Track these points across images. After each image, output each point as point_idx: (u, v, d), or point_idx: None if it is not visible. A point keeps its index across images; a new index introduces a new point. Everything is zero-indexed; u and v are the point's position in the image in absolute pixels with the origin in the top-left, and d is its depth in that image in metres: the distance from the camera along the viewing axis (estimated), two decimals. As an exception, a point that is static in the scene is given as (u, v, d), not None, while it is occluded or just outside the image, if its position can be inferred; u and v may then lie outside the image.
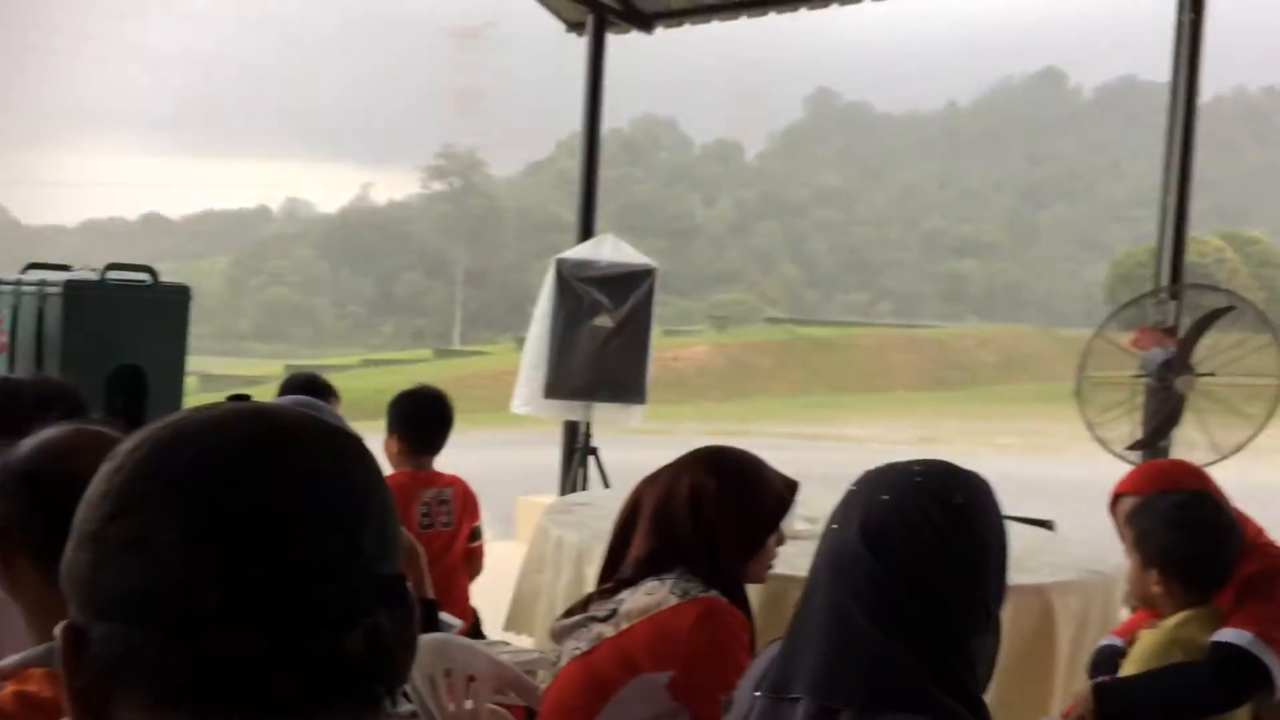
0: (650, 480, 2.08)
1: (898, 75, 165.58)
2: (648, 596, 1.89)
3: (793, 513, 3.21)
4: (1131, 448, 4.55)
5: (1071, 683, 2.69)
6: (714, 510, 1.96)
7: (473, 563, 3.52)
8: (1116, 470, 4.53)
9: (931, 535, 1.24)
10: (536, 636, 3.23)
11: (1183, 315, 4.63)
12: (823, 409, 32.93)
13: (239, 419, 0.78)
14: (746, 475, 2.03)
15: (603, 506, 3.62)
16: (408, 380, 4.20)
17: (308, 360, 46.66)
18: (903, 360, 48.03)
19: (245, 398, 1.55)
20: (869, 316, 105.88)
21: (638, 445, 11.33)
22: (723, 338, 50.50)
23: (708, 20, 6.87)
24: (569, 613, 2.04)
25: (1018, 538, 3.33)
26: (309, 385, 3.65)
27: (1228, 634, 1.95)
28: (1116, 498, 2.40)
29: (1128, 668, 2.10)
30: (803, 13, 6.60)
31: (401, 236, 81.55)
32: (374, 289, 78.61)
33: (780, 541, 2.03)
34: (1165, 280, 4.69)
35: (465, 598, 3.48)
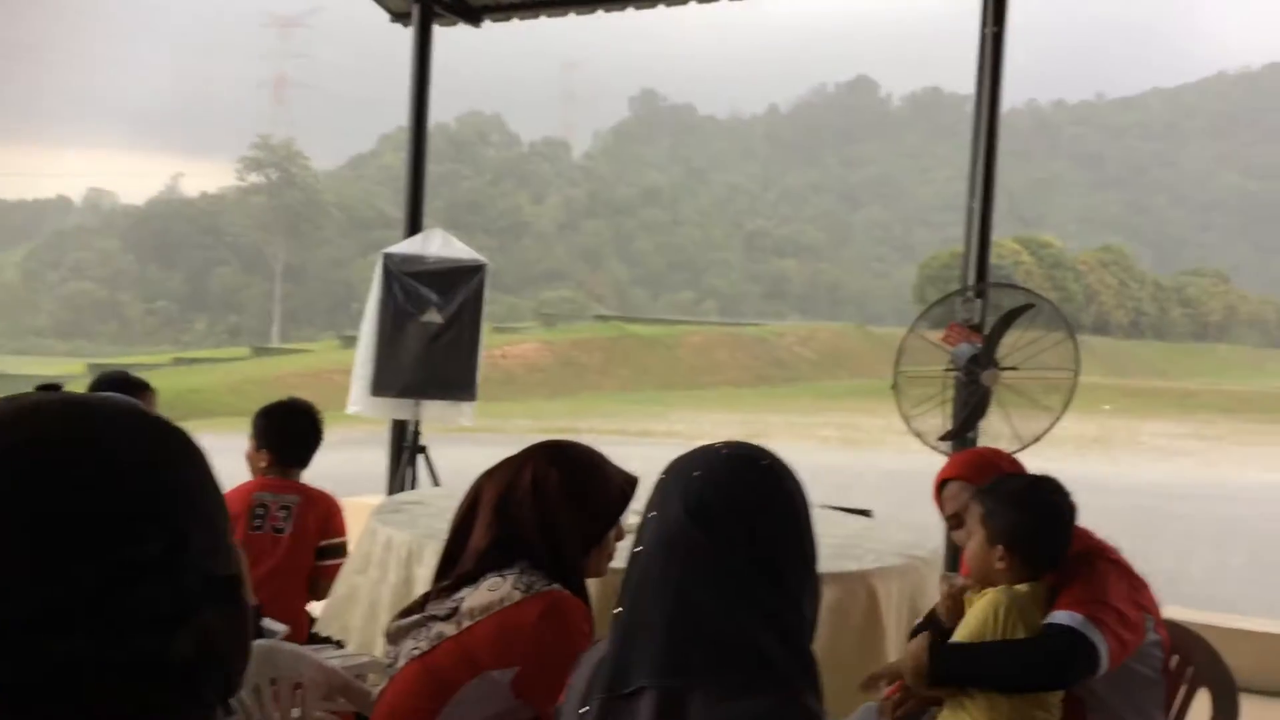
0: (491, 472, 2.06)
1: (721, 79, 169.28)
2: (490, 593, 1.87)
3: (630, 508, 3.26)
4: (943, 439, 4.78)
5: (866, 669, 2.76)
6: (556, 502, 1.96)
7: (319, 582, 3.37)
8: (925, 461, 4.77)
9: (750, 497, 1.30)
10: (353, 640, 3.12)
11: (988, 313, 4.90)
12: (651, 405, 33.38)
13: (52, 410, 0.73)
14: (588, 468, 2.04)
15: (434, 504, 3.56)
16: (223, 379, 4.03)
17: (113, 359, 44.12)
18: (728, 357, 49.17)
19: (56, 387, 1.46)
20: (695, 315, 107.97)
21: (468, 443, 11.22)
22: (551, 335, 50.54)
23: (535, 15, 6.82)
24: (406, 612, 1.99)
25: (840, 527, 3.45)
26: (122, 383, 3.45)
27: (1060, 616, 2.06)
28: (943, 482, 2.51)
29: (964, 626, 2.18)
30: (630, 12, 6.64)
31: (214, 230, 77.96)
32: (185, 284, 74.91)
33: (619, 536, 2.04)
34: (972, 280, 4.94)
35: (298, 607, 3.35)
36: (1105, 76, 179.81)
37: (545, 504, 1.95)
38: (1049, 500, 2.21)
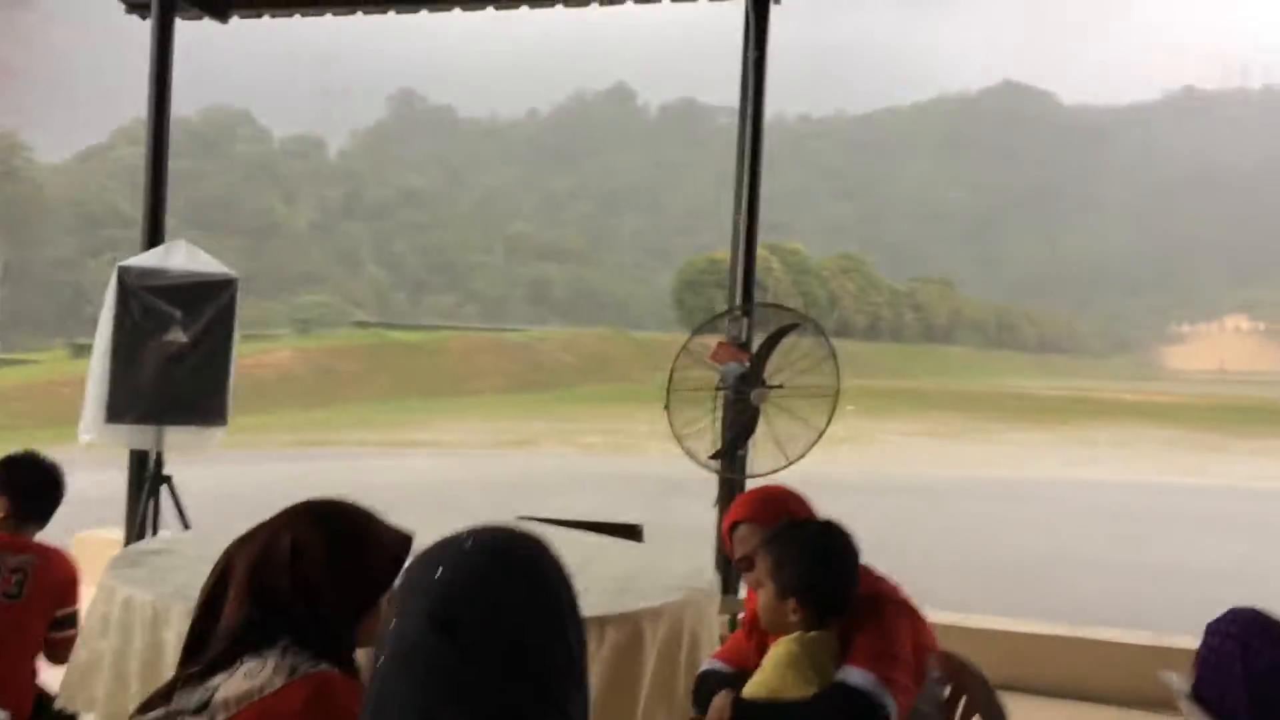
0: (244, 540, 1.82)
1: (481, 82, 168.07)
2: (247, 680, 1.64)
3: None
4: (713, 457, 4.82)
5: (658, 708, 2.71)
6: (320, 569, 1.74)
7: (55, 654, 3.03)
8: (691, 467, 4.82)
9: (501, 595, 1.14)
10: (100, 712, 2.78)
11: (754, 331, 4.98)
12: (414, 414, 32.62)
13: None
14: (355, 529, 1.83)
15: (179, 554, 3.23)
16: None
17: None
18: (491, 363, 48.81)
19: None
20: (457, 319, 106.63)
21: (219, 462, 10.51)
22: (307, 342, 48.51)
23: (290, 14, 6.44)
24: (147, 705, 1.73)
25: (616, 562, 3.38)
26: None
27: (854, 676, 2.07)
28: (733, 525, 2.48)
29: (760, 678, 2.16)
30: (391, 15, 6.39)
31: (-81, 227, 70.30)
32: (-118, 286, 67.14)
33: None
34: (739, 298, 5.01)
35: (26, 680, 2.98)
36: (845, 94, 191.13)
37: (308, 573, 1.74)
38: (837, 550, 2.21)
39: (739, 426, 4.98)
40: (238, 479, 12.67)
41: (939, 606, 8.30)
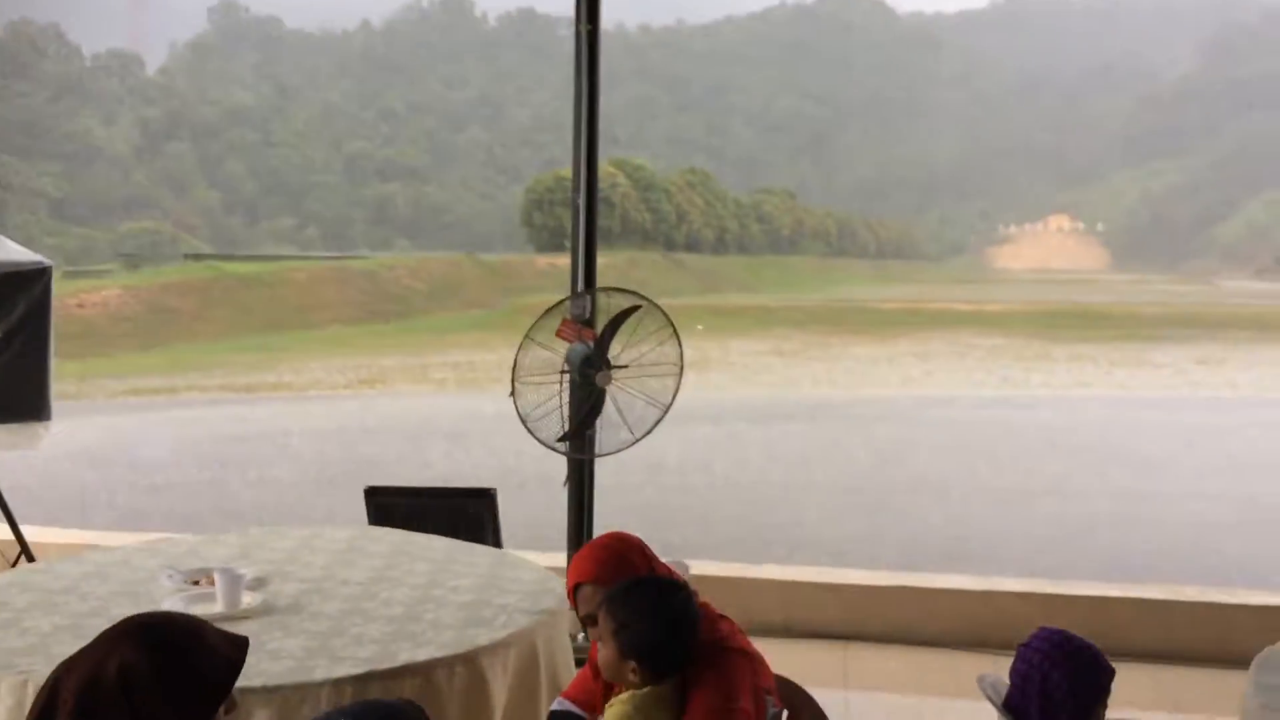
0: (69, 664, 1.76)
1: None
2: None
3: (239, 583, 3.01)
4: (562, 439, 4.86)
5: None
6: (151, 693, 1.71)
7: None
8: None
9: None
10: None
11: (598, 312, 5.02)
12: (255, 353, 31.51)
13: None
14: (185, 644, 1.79)
15: (8, 602, 3.06)
16: None
17: None
18: (336, 294, 47.43)
19: None
20: (297, 243, 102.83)
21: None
22: (137, 279, 46.00)
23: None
24: None
25: (465, 574, 3.39)
26: None
27: None
28: (576, 587, 2.49)
29: None
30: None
31: None
32: None
33: (232, 708, 1.84)
34: (581, 286, 5.03)
35: None
36: (684, 4, 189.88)
37: (138, 697, 1.70)
38: (677, 611, 2.25)
39: (586, 409, 5.03)
40: (65, 443, 12.09)
41: (789, 547, 8.65)
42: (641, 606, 2.24)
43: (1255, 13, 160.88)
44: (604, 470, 5.16)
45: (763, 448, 14.29)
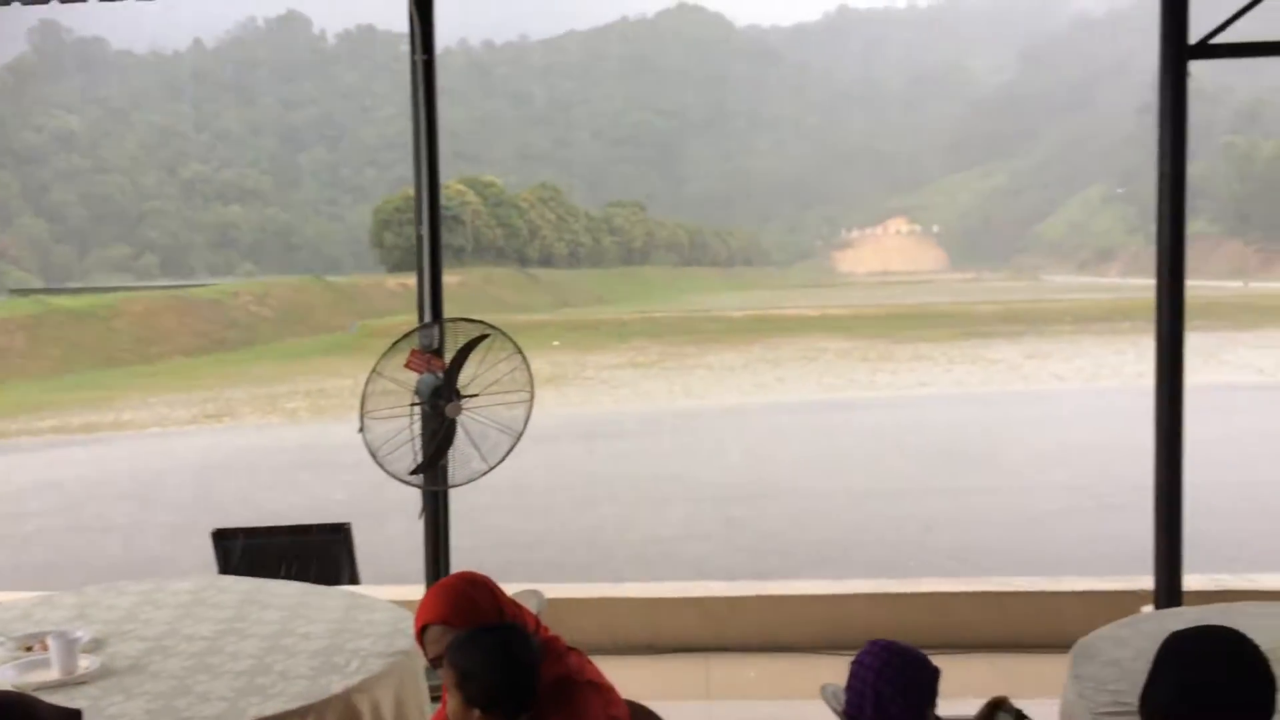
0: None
1: (134, 10, 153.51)
2: None
3: (75, 647, 2.90)
4: (414, 472, 4.83)
5: None
6: None
7: None
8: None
9: None
10: None
11: (446, 341, 5.00)
12: (90, 390, 29.93)
13: None
14: (14, 720, 1.75)
15: None
16: None
17: None
18: (176, 324, 45.44)
19: None
20: (134, 273, 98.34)
21: None
22: (-45, 316, 43.17)
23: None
24: None
25: (317, 619, 3.34)
26: None
27: None
28: (424, 628, 2.49)
29: None
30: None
31: None
32: None
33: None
34: (428, 318, 5.02)
35: None
36: (527, 19, 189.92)
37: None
38: (519, 658, 2.28)
39: (438, 440, 5.02)
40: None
41: (650, 563, 8.75)
42: (482, 656, 2.25)
43: (1064, 21, 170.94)
44: (465, 495, 5.15)
45: (622, 462, 14.41)
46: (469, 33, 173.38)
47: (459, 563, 3.84)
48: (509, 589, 5.18)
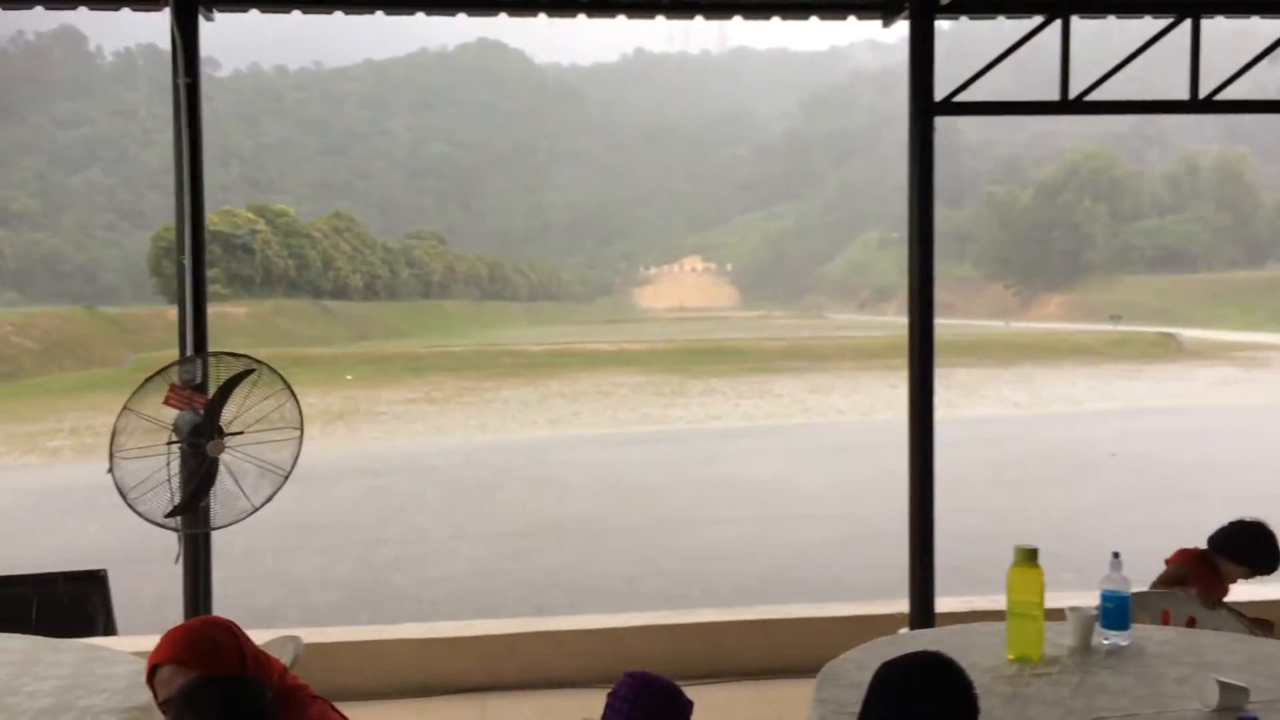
0: None
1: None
2: None
3: None
4: (171, 514, 4.59)
5: None
6: None
7: None
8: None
9: None
10: None
11: (209, 376, 4.80)
12: None
13: None
14: None
15: None
16: None
17: None
18: (-78, 357, 41.59)
19: None
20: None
21: None
22: None
23: None
24: None
25: (40, 679, 3.12)
26: None
27: None
28: (154, 669, 2.36)
29: None
30: None
31: None
32: None
33: None
34: (190, 350, 4.81)
35: None
36: (321, 46, 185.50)
37: None
38: (247, 710, 2.21)
39: (197, 480, 4.79)
40: None
41: (433, 603, 8.57)
42: (208, 708, 2.17)
43: (842, 74, 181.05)
44: (238, 536, 4.93)
45: (412, 499, 14.13)
46: (260, 56, 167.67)
47: (224, 609, 3.68)
48: (278, 633, 5.01)
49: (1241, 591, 4.51)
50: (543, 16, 5.12)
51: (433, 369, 35.47)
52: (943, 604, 5.14)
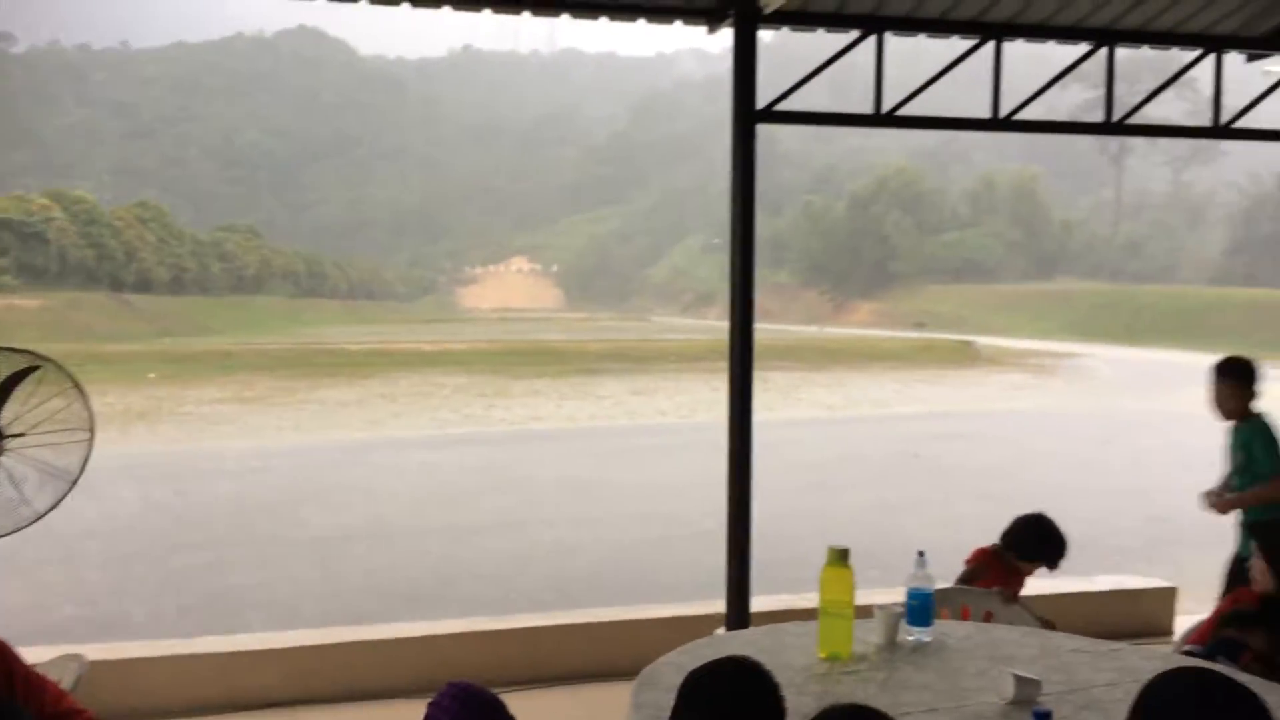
0: None
1: None
2: None
3: None
4: (-54, 525, 4.23)
5: None
6: None
7: None
8: None
9: None
10: None
11: (-4, 369, 4.44)
12: None
13: None
14: None
15: None
16: None
17: None
18: None
19: None
20: None
21: None
22: None
23: None
24: None
25: None
26: None
27: None
28: None
29: None
30: None
31: None
32: None
33: None
34: (-36, 343, 4.43)
35: None
36: (129, 25, 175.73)
37: None
38: None
39: (-28, 486, 4.42)
40: None
41: (239, 612, 8.20)
42: None
43: (669, 81, 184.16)
44: (16, 546, 4.59)
45: (217, 503, 13.50)
46: (62, 34, 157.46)
47: (7, 625, 3.40)
48: (59, 650, 4.67)
49: (1035, 585, 4.77)
50: (364, 3, 4.97)
51: (244, 367, 34.01)
52: (758, 603, 5.25)
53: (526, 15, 5.24)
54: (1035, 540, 4.12)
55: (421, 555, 10.54)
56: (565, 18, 5.26)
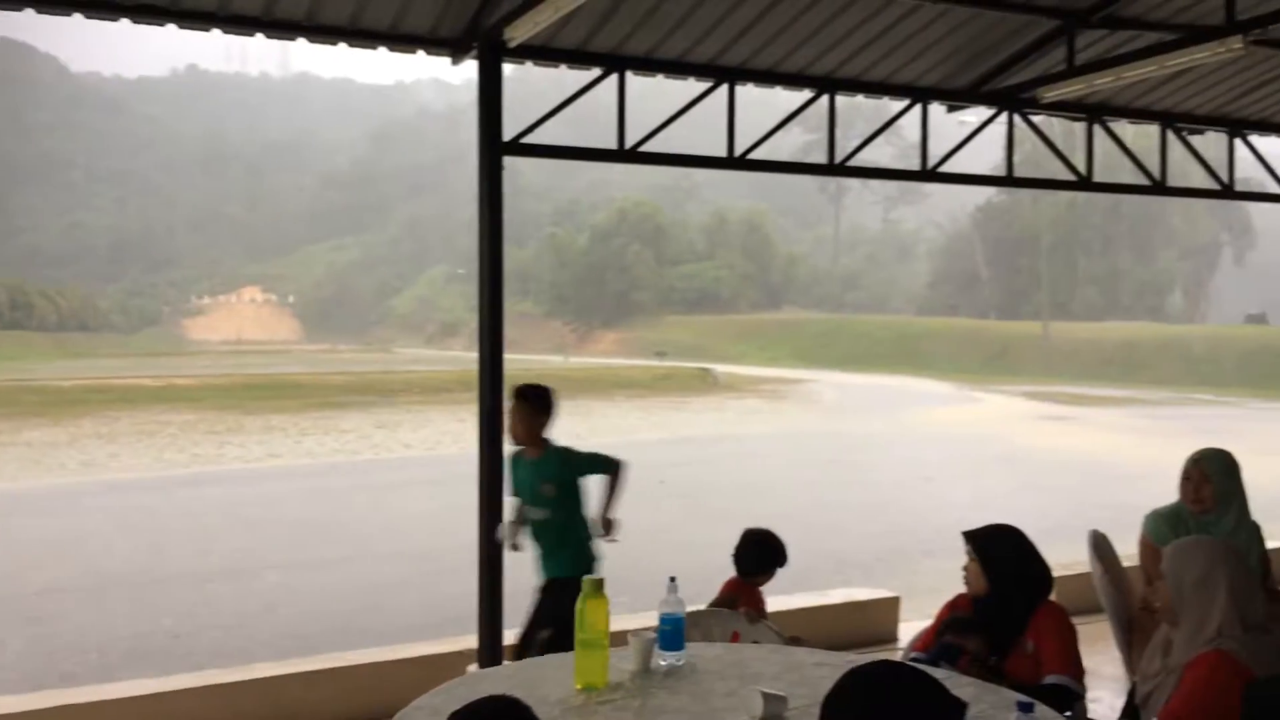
0: None
1: None
2: None
3: None
4: None
5: None
6: None
7: None
8: None
9: None
10: None
11: None
12: None
13: None
14: None
15: None
16: None
17: None
18: None
19: None
20: None
21: None
22: None
23: None
24: None
25: None
26: None
27: None
28: None
29: None
30: None
31: None
32: None
33: None
34: None
35: None
36: None
37: None
38: None
39: None
40: None
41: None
42: None
43: (409, 109, 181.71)
44: None
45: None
46: None
47: None
48: None
49: (774, 602, 4.98)
50: (79, 17, 4.63)
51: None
52: (509, 636, 5.21)
53: (260, 37, 5.04)
54: (756, 552, 4.40)
55: (147, 607, 9.79)
56: (302, 41, 5.09)
